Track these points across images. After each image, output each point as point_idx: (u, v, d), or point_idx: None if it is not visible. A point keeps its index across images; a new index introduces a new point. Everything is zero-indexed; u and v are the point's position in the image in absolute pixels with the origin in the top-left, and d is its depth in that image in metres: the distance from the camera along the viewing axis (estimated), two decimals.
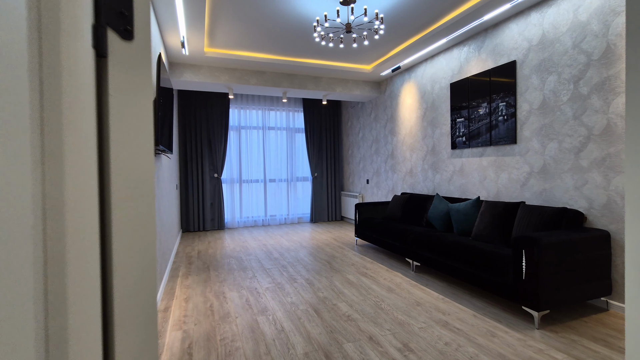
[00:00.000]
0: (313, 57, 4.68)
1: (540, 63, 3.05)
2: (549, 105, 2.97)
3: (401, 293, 2.91)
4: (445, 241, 3.11)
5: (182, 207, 6.04)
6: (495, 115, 3.49)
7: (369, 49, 4.42)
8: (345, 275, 3.43)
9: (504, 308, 2.58)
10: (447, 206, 3.75)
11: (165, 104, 2.69)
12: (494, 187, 3.56)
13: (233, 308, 2.64)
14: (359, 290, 2.98)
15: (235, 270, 3.67)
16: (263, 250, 4.55)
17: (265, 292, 2.98)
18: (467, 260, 2.80)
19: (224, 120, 6.24)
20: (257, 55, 4.53)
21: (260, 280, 3.32)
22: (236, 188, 6.52)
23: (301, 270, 3.61)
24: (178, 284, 3.23)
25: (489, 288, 2.61)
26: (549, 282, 2.25)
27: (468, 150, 3.89)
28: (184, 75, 4.55)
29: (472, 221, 3.38)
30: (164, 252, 3.34)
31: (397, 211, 4.44)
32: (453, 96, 4.06)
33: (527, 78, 3.17)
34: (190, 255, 4.32)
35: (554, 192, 2.94)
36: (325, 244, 4.88)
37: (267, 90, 5.28)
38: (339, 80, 5.47)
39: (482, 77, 3.64)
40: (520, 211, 2.90)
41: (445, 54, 4.21)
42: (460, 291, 2.94)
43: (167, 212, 3.73)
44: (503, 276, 2.48)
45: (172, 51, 4.10)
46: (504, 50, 3.41)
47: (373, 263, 3.85)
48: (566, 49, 2.82)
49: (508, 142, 3.35)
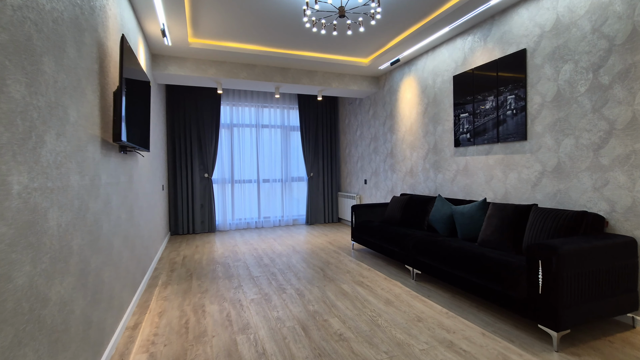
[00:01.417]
0: (307, 49, 4.39)
1: (554, 51, 2.75)
2: (564, 97, 2.68)
3: (400, 306, 2.62)
4: (448, 247, 2.82)
5: (171, 208, 5.75)
6: (503, 109, 3.20)
7: (365, 39, 4.13)
8: (339, 284, 3.14)
9: (516, 324, 2.29)
10: (450, 208, 3.46)
11: (134, 96, 2.40)
12: (501, 187, 3.27)
13: (211, 325, 2.35)
14: (354, 303, 2.69)
15: (220, 278, 3.37)
16: (253, 256, 4.26)
17: (250, 305, 2.69)
18: (473, 270, 2.51)
19: (214, 118, 5.95)
20: (246, 47, 4.24)
21: (245, 290, 3.03)
22: (228, 189, 6.22)
23: (292, 279, 3.31)
24: (155, 295, 2.94)
25: (498, 301, 2.32)
26: (570, 296, 1.96)
27: (473, 148, 3.60)
28: (169, 69, 4.26)
29: (478, 225, 3.09)
30: (141, 259, 3.05)
31: (397, 214, 4.15)
32: (456, 90, 3.77)
33: (539, 68, 2.88)
34: (174, 262, 4.02)
35: (570, 193, 2.65)
36: (320, 249, 4.59)
37: (258, 85, 4.99)
38: (334, 74, 5.17)
39: (488, 68, 3.35)
40: (533, 215, 2.61)
41: (448, 45, 3.91)
42: (466, 304, 2.65)
43: (146, 215, 3.44)
44: (515, 289, 2.18)
45: (154, 42, 3.81)
46: (513, 38, 3.11)
47: (370, 270, 3.56)
48: (584, 34, 2.52)
49: (517, 139, 3.06)
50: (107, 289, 1.99)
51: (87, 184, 1.71)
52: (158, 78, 4.46)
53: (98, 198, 1.88)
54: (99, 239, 1.87)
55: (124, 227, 2.47)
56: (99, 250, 1.87)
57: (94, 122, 1.83)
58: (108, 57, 2.16)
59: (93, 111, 1.83)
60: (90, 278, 1.70)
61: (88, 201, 1.71)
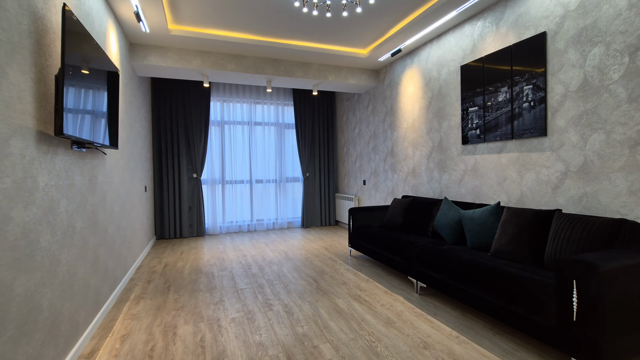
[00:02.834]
0: (300, 37, 4.02)
1: (579, 32, 2.39)
2: (593, 86, 2.32)
3: (403, 327, 2.26)
4: (458, 259, 2.46)
5: (156, 211, 5.38)
6: (519, 101, 2.84)
7: (363, 26, 3.77)
8: (333, 299, 2.78)
9: (542, 354, 1.93)
10: (458, 213, 3.09)
11: (90, 84, 2.04)
12: (516, 190, 2.91)
13: (180, 353, 1.99)
14: (350, 324, 2.33)
15: (201, 291, 3.01)
16: (241, 264, 3.90)
17: (229, 326, 2.33)
18: (488, 287, 2.15)
19: (204, 114, 5.58)
20: (233, 35, 3.88)
21: (227, 306, 2.67)
22: (218, 190, 5.86)
23: (281, 292, 2.95)
24: (123, 313, 2.57)
25: (519, 326, 1.96)
26: (613, 326, 1.60)
27: (483, 146, 3.24)
28: (148, 59, 3.90)
29: (491, 233, 2.73)
30: (108, 271, 2.69)
31: (398, 218, 3.79)
32: (464, 81, 3.41)
33: (561, 53, 2.52)
34: (154, 271, 3.66)
35: (599, 197, 2.29)
36: (314, 255, 4.23)
37: (248, 78, 4.62)
38: (331, 67, 4.81)
39: (501, 56, 2.99)
40: (556, 222, 2.25)
41: (455, 32, 3.55)
42: (479, 325, 2.29)
43: (120, 220, 3.08)
44: (541, 313, 1.82)
45: (131, 28, 3.45)
46: (530, 20, 2.75)
47: (369, 281, 3.20)
48: (619, 11, 2.16)
49: (535, 135, 2.70)
50: (50, 314, 1.63)
51: (9, 188, 1.35)
52: (139, 69, 4.09)
53: (32, 205, 1.52)
54: (34, 255, 1.51)
55: (81, 236, 2.11)
56: (32, 269, 1.51)
57: (23, 110, 1.47)
58: (52, 34, 1.79)
59: (22, 96, 1.47)
60: (12, 307, 1.34)
61: (10, 210, 1.35)
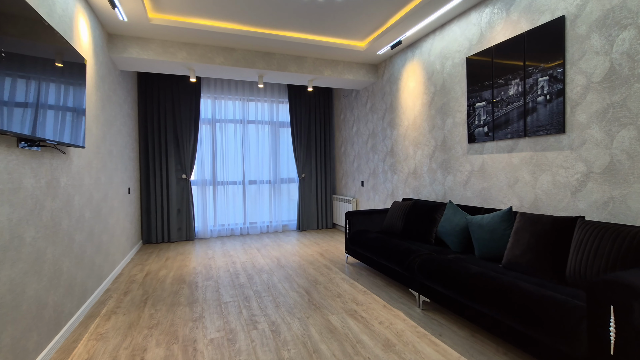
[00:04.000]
0: (294, 28, 3.74)
1: (604, 15, 2.11)
2: (621, 76, 2.04)
3: (404, 352, 1.97)
4: (466, 273, 2.17)
5: (143, 214, 5.10)
6: (533, 95, 2.56)
7: (361, 15, 3.48)
8: (327, 315, 2.49)
9: None
10: (464, 218, 2.81)
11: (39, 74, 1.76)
12: (529, 193, 2.62)
13: None
14: (343, 346, 2.05)
15: (181, 305, 2.73)
16: (229, 272, 3.62)
17: (206, 349, 2.04)
18: (502, 306, 1.86)
19: (193, 112, 5.30)
20: (221, 25, 3.59)
21: (207, 324, 2.38)
22: (209, 191, 5.57)
23: (268, 307, 2.67)
24: (89, 332, 2.29)
25: (540, 355, 1.67)
26: None
27: (492, 144, 2.95)
28: (128, 51, 3.61)
29: (502, 241, 2.45)
30: (74, 283, 2.41)
31: (398, 222, 3.50)
32: (471, 74, 3.12)
33: (582, 39, 2.23)
34: (133, 280, 3.38)
35: (629, 202, 2.00)
36: (309, 262, 3.94)
37: (238, 73, 4.34)
38: (327, 61, 4.52)
39: (512, 45, 2.70)
40: (579, 230, 1.96)
41: (460, 20, 3.27)
42: (491, 349, 2.00)
43: (94, 226, 2.80)
44: (568, 342, 1.54)
45: (107, 17, 3.16)
46: (546, 4, 2.47)
47: (366, 294, 2.91)
48: None
49: (552, 132, 2.42)
50: None
51: None
52: (119, 63, 3.81)
53: None
54: None
55: (33, 248, 1.82)
56: None
57: None
58: None
59: None
60: None
61: None
